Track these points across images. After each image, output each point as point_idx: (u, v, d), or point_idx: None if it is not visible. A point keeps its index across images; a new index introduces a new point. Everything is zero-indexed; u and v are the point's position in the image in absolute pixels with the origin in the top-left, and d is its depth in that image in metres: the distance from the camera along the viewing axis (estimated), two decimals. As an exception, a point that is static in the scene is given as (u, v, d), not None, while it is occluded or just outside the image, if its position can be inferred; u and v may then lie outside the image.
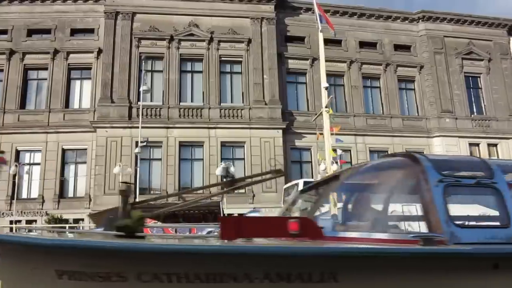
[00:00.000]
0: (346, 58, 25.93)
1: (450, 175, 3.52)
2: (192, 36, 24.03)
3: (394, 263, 2.92)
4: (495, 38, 28.59)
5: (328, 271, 2.83)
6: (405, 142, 25.42)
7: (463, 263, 3.05)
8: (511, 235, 3.30)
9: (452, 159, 4.88)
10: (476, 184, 3.55)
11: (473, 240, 3.16)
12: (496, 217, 3.59)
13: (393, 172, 3.97)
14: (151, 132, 22.12)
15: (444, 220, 3.16)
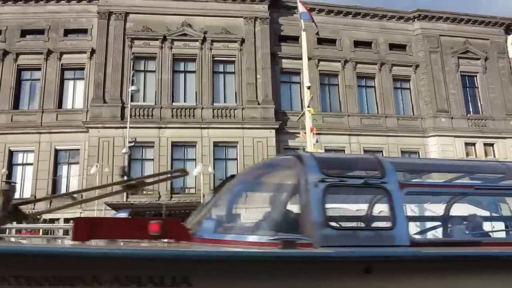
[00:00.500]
0: (341, 57, 25.79)
1: (335, 175, 3.39)
2: (185, 36, 23.99)
3: (251, 267, 2.80)
4: (492, 37, 28.35)
5: (180, 274, 2.74)
6: (400, 142, 25.28)
7: (332, 267, 2.91)
8: (395, 237, 3.15)
9: (343, 158, 4.77)
10: (363, 184, 3.41)
11: (351, 243, 3.02)
12: (382, 218, 3.49)
13: (278, 172, 3.87)
14: (143, 132, 22.12)
15: (316, 222, 3.05)
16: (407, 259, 3.04)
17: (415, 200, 5.70)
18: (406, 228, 3.24)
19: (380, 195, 3.47)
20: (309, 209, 3.11)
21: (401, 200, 3.40)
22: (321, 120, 24.25)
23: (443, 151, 25.35)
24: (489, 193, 4.73)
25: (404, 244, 3.20)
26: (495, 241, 4.07)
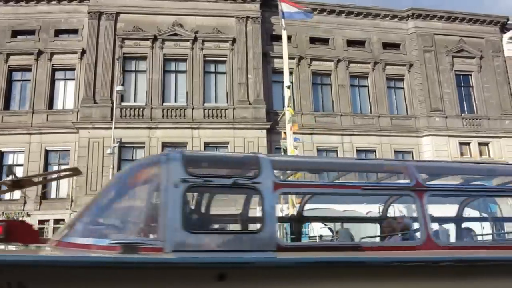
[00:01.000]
0: (333, 57, 25.61)
1: (201, 175, 3.20)
2: (176, 36, 23.87)
3: (84, 273, 2.66)
4: (487, 36, 28.10)
5: (14, 280, 2.58)
6: (393, 142, 25.09)
7: (182, 274, 2.74)
8: (261, 242, 2.98)
9: (216, 156, 4.54)
10: (233, 184, 3.20)
11: (211, 248, 2.84)
12: (251, 221, 3.32)
13: (143, 172, 3.68)
14: (134, 132, 22.04)
15: (170, 225, 2.86)
16: (264, 265, 2.85)
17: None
18: (274, 232, 3.06)
19: (252, 196, 3.30)
20: (164, 212, 2.93)
21: (274, 202, 3.22)
22: (300, 119, 24.18)
23: (437, 150, 25.15)
24: (378, 193, 4.54)
25: (270, 249, 3.01)
26: (375, 246, 3.90)
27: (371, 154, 24.85)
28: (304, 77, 25.02)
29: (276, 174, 3.49)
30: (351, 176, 4.93)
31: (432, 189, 4.11)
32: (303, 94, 24.72)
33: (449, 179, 5.27)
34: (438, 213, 7.75)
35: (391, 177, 4.92)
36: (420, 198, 3.86)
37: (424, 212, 3.79)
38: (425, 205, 3.87)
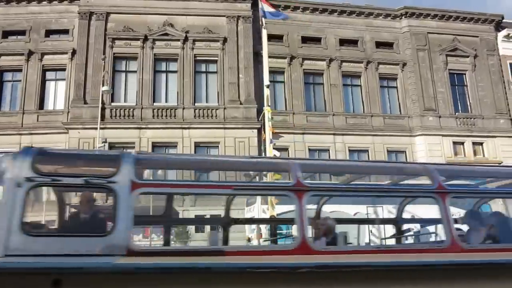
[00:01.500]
0: (325, 56, 25.45)
1: (50, 173, 3.03)
2: (167, 35, 23.79)
3: None
4: (481, 34, 27.88)
5: None
6: (386, 141, 24.92)
7: (13, 280, 2.58)
8: (109, 246, 2.83)
9: (69, 154, 4.33)
10: (85, 184, 3.03)
11: (51, 251, 2.65)
12: (102, 222, 3.15)
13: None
14: (124, 133, 21.97)
15: (2, 227, 2.69)
16: (101, 271, 2.69)
17: None
18: (125, 235, 2.91)
19: (109, 196, 3.15)
20: (1, 213, 2.79)
21: (130, 203, 3.04)
22: (292, 119, 24.04)
23: (430, 150, 24.97)
24: (247, 193, 4.50)
25: (118, 253, 2.86)
26: (239, 250, 3.69)
27: (363, 154, 24.70)
28: (296, 77, 24.88)
29: (139, 173, 3.31)
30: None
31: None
32: (295, 93, 24.58)
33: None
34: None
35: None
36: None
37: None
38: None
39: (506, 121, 26.65)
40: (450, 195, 4.07)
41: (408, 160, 25.09)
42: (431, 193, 4.13)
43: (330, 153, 24.13)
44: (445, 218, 4.03)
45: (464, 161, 25.17)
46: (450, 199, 4.09)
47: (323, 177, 6.11)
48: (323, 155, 24.22)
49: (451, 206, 4.77)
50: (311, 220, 4.69)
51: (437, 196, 4.05)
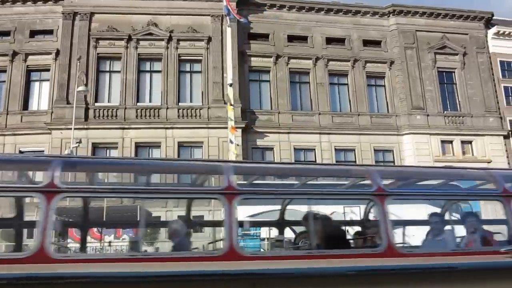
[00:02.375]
0: (312, 55, 25.27)
1: None
2: (151, 35, 23.70)
3: None
4: (471, 32, 27.60)
5: None
6: (373, 140, 24.71)
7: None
8: None
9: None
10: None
11: None
12: None
13: None
14: (107, 133, 21.90)
15: None
16: None
17: None
18: None
19: None
20: None
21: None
22: (277, 118, 23.87)
23: (417, 149, 24.73)
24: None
25: None
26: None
27: (350, 153, 24.51)
28: (281, 76, 24.72)
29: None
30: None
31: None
32: (280, 92, 24.43)
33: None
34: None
35: None
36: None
37: None
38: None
39: (496, 119, 26.36)
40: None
41: (395, 159, 24.90)
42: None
43: (316, 152, 23.96)
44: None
45: (453, 160, 24.94)
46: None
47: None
48: (309, 155, 24.07)
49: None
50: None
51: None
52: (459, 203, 6.03)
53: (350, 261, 3.78)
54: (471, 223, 4.78)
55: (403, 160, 24.75)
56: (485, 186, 4.75)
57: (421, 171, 5.69)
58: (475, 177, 5.07)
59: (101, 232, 14.23)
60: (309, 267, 3.59)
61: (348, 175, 5.04)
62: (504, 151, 25.86)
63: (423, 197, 5.40)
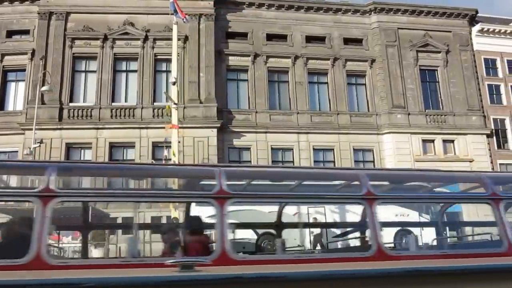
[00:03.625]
0: (291, 53, 25.02)
1: None
2: (127, 34, 23.58)
3: None
4: (454, 29, 27.23)
5: None
6: (352, 140, 24.42)
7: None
8: None
9: None
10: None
11: None
12: None
13: None
14: (81, 133, 21.81)
15: None
16: None
17: None
18: None
19: None
20: None
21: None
22: (254, 118, 23.65)
23: (398, 148, 24.42)
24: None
25: None
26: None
27: (329, 153, 24.25)
28: (259, 75, 24.50)
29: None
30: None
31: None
32: (258, 92, 24.21)
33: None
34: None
35: None
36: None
37: None
38: None
39: (479, 118, 25.98)
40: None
41: (375, 159, 24.61)
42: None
43: (294, 152, 23.72)
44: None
45: (434, 160, 24.61)
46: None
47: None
48: (287, 154, 23.85)
49: None
50: None
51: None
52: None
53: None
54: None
55: (383, 160, 24.47)
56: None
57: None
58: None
59: (58, 234, 14.16)
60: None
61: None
62: (487, 150, 25.48)
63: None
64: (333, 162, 24.03)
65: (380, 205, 4.05)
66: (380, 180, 4.94)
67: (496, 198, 4.19)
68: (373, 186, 4.13)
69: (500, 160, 25.73)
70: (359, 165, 24.40)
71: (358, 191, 4.12)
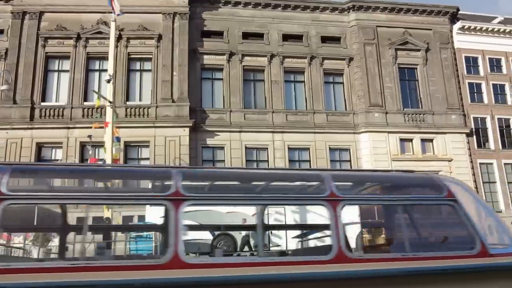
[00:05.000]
0: (267, 52, 24.80)
1: None
2: (100, 34, 23.44)
3: None
4: (435, 27, 26.89)
5: None
6: (328, 139, 24.16)
7: None
8: None
9: None
10: None
11: None
12: None
13: None
14: (52, 133, 21.70)
15: None
16: None
17: None
18: None
19: None
20: None
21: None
22: (229, 117, 23.47)
23: (374, 147, 24.12)
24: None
25: None
26: None
27: (304, 152, 24.01)
28: (234, 74, 24.30)
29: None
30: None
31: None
32: (233, 91, 24.01)
33: None
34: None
35: None
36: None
37: None
38: None
39: (458, 117, 25.63)
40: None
41: (352, 158, 24.34)
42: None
43: (269, 151, 23.50)
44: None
45: (412, 159, 24.32)
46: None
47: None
48: (262, 154, 23.63)
49: None
50: None
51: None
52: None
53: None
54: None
55: (359, 159, 24.19)
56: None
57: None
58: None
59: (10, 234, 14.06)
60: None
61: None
62: (467, 149, 25.13)
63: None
64: (308, 162, 23.81)
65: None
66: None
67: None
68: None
69: (480, 159, 25.39)
70: (335, 164, 24.15)
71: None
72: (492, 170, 25.47)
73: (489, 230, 4.37)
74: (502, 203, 24.87)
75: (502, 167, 25.56)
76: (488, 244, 4.04)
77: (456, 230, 4.75)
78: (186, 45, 23.64)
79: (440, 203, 4.45)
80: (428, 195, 4.81)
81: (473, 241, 4.05)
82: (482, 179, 25.15)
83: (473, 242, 4.04)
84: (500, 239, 4.46)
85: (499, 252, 4.09)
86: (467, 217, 4.13)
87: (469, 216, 4.14)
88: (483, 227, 4.19)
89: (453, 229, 5.05)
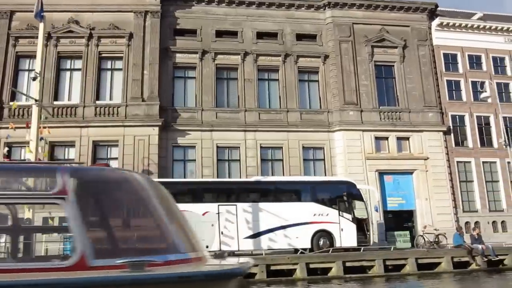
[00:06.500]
0: (241, 50, 24.58)
1: None
2: (71, 32, 23.33)
3: None
4: (413, 24, 26.53)
5: None
6: (302, 137, 23.91)
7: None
8: None
9: None
10: None
11: None
12: None
13: None
14: (18, 133, 21.52)
15: None
16: None
17: None
18: None
19: None
20: None
21: None
22: (200, 116, 23.26)
23: (349, 146, 23.84)
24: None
25: None
26: None
27: (277, 151, 23.77)
28: (207, 72, 24.11)
29: None
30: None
31: None
32: (205, 89, 23.82)
33: None
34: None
35: None
36: None
37: None
38: None
39: (435, 114, 25.27)
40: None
41: (325, 156, 24.06)
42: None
43: (241, 150, 23.28)
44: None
45: (387, 157, 24.02)
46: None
47: None
48: (234, 152, 23.42)
49: None
50: None
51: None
52: None
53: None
54: None
55: (333, 158, 23.93)
56: None
57: None
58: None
59: None
60: None
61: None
62: (444, 148, 24.77)
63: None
64: (281, 161, 23.58)
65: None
66: None
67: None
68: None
69: (457, 158, 25.02)
70: (309, 163, 23.91)
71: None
72: (470, 169, 25.10)
73: None
74: (479, 202, 24.50)
75: (480, 165, 25.17)
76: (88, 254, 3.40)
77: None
78: (157, 43, 23.48)
79: (44, 201, 3.93)
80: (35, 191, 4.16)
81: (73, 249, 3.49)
82: (459, 177, 24.78)
83: (73, 251, 3.46)
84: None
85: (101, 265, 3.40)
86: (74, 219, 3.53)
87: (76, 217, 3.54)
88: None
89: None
